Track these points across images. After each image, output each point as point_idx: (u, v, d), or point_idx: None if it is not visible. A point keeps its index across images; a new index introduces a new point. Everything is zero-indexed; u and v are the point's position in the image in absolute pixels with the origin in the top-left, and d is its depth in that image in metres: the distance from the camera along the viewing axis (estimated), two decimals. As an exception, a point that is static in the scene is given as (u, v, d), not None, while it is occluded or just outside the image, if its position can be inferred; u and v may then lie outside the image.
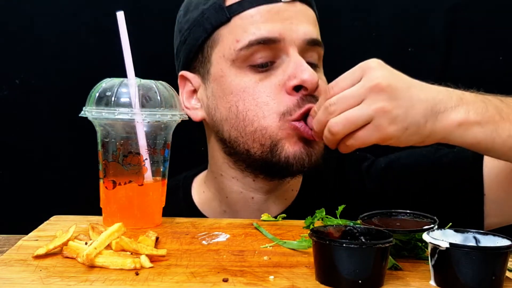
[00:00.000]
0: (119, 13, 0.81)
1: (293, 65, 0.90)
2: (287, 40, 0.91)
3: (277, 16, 0.91)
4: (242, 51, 0.91)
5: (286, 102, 0.91)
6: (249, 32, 0.91)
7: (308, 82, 0.89)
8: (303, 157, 0.91)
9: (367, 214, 0.75)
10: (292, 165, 0.91)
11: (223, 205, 1.03)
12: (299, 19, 0.93)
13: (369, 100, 0.72)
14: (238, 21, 0.92)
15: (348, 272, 0.57)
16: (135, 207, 0.81)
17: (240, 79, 0.92)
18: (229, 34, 0.93)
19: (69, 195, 1.32)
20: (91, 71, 1.02)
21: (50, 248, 0.66)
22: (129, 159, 0.80)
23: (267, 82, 0.92)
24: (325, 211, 0.83)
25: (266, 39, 0.90)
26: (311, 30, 0.94)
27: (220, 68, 0.94)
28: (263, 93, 0.91)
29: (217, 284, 0.58)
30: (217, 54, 0.95)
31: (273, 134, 0.91)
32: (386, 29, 1.36)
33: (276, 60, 0.92)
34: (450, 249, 0.57)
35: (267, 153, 0.92)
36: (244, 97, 0.92)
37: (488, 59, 1.36)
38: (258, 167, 0.95)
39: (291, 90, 0.90)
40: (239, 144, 0.94)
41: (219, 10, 0.93)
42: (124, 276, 0.60)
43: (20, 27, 1.31)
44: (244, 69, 0.92)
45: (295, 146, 0.91)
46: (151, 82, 0.82)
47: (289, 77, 0.90)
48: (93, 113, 0.78)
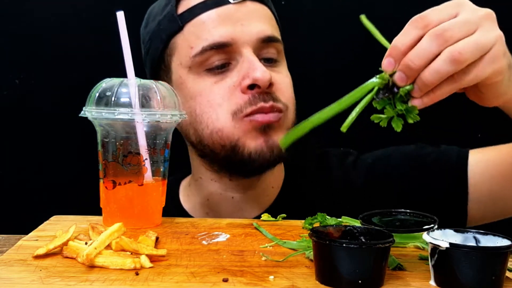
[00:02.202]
0: (119, 13, 0.81)
1: (246, 65, 0.92)
2: (240, 42, 0.92)
3: (228, 19, 0.93)
4: (197, 57, 0.93)
5: (238, 100, 0.92)
6: (201, 39, 0.92)
7: (260, 80, 0.90)
8: (264, 150, 0.92)
9: (367, 214, 0.75)
10: (255, 161, 0.92)
11: (205, 208, 1.04)
12: (250, 19, 0.94)
13: (486, 27, 0.64)
14: (191, 28, 0.94)
15: (348, 272, 0.57)
16: (135, 207, 0.81)
17: (197, 84, 0.94)
18: (183, 42, 0.95)
19: (69, 195, 1.32)
20: (91, 71, 1.03)
21: (50, 248, 0.66)
22: (129, 159, 0.80)
23: (222, 84, 0.93)
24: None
25: (219, 44, 0.92)
26: (264, 28, 0.95)
27: (179, 75, 0.96)
28: (217, 94, 0.93)
29: (217, 284, 0.58)
30: (175, 62, 0.97)
31: (230, 134, 0.92)
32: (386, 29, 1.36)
33: (231, 61, 0.94)
34: (450, 249, 0.57)
35: (230, 152, 0.93)
36: (201, 100, 0.94)
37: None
38: (226, 167, 0.97)
39: (245, 89, 0.91)
40: (204, 147, 0.96)
41: (172, 19, 0.96)
42: (124, 276, 0.60)
43: (20, 27, 1.31)
44: (201, 73, 0.94)
45: (256, 140, 0.92)
46: (151, 82, 0.82)
47: (243, 77, 0.91)
48: (93, 113, 0.78)
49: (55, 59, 1.32)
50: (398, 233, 0.69)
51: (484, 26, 0.64)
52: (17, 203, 1.35)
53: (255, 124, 0.91)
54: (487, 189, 0.94)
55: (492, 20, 0.66)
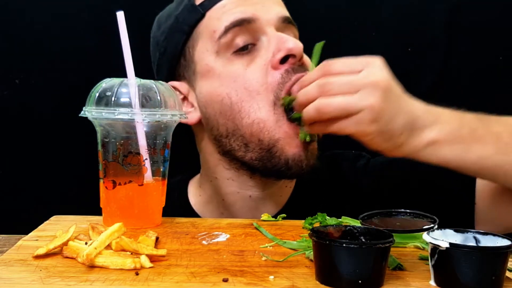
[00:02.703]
0: (119, 13, 0.81)
1: (275, 41, 0.92)
2: (262, 20, 0.93)
3: (248, 1, 0.94)
4: (222, 38, 0.92)
5: (272, 85, 0.90)
6: (223, 20, 0.93)
7: (295, 50, 0.90)
8: (301, 159, 0.91)
9: (367, 214, 0.75)
10: (291, 168, 0.91)
11: (221, 207, 1.03)
12: (268, 2, 0.96)
13: (364, 94, 0.72)
14: (212, 14, 0.94)
15: (348, 272, 0.57)
16: (135, 207, 0.81)
17: (228, 69, 0.93)
18: (206, 28, 0.95)
19: (69, 195, 1.32)
20: (91, 71, 1.02)
21: (50, 248, 0.66)
22: (129, 159, 0.80)
23: (254, 66, 0.92)
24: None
25: (241, 20, 0.92)
26: (283, 10, 0.97)
27: (206, 63, 0.95)
28: (252, 80, 0.91)
29: (217, 284, 0.58)
30: (199, 52, 0.96)
31: (271, 130, 0.90)
32: (386, 29, 1.36)
33: (256, 42, 0.93)
34: (450, 249, 0.57)
35: (265, 153, 0.91)
36: (236, 87, 0.92)
37: (488, 59, 1.36)
38: (255, 166, 0.95)
39: (277, 64, 0.90)
40: (237, 139, 0.93)
41: (192, 9, 0.96)
42: (124, 276, 0.60)
43: (20, 27, 1.31)
44: (230, 57, 0.93)
45: (295, 148, 0.90)
46: (151, 82, 0.82)
47: (273, 53, 0.91)
48: (93, 113, 0.78)
49: (55, 59, 1.32)
50: (398, 233, 0.69)
51: (363, 92, 0.72)
52: (17, 203, 1.35)
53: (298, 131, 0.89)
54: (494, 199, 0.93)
55: (374, 88, 0.72)
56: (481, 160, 0.77)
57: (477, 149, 0.76)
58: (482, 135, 0.77)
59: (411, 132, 0.74)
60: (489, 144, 0.76)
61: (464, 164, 0.77)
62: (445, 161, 0.77)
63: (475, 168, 0.78)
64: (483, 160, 0.77)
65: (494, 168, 0.78)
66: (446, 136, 0.75)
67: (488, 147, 0.76)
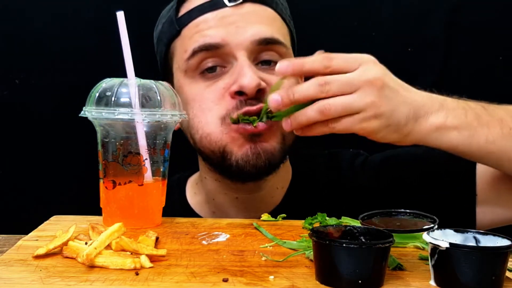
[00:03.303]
0: (119, 13, 0.81)
1: (237, 70, 0.91)
2: (233, 45, 0.91)
3: (222, 21, 0.92)
4: (190, 60, 0.93)
5: (226, 105, 0.91)
6: (193, 41, 0.92)
7: (246, 88, 0.88)
8: (250, 157, 0.90)
9: (367, 214, 0.75)
10: (243, 168, 0.91)
11: (212, 207, 1.04)
12: (247, 21, 0.92)
13: (363, 92, 0.72)
14: (187, 32, 0.94)
15: (348, 272, 0.57)
16: (135, 207, 0.81)
17: (192, 88, 0.94)
18: (180, 46, 0.96)
19: (69, 195, 1.32)
20: (91, 71, 1.02)
21: (50, 248, 0.66)
22: (129, 159, 0.80)
23: (214, 87, 0.93)
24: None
25: (209, 45, 0.91)
26: (261, 30, 0.92)
27: (178, 79, 0.97)
28: (208, 99, 0.92)
29: (217, 284, 0.58)
30: (174, 66, 0.98)
31: (217, 140, 0.92)
32: (386, 29, 1.36)
33: (226, 65, 0.93)
34: (450, 249, 0.57)
35: (219, 159, 0.93)
36: (193, 105, 0.94)
37: (488, 59, 1.36)
38: (220, 171, 0.97)
39: (234, 94, 0.91)
40: (198, 150, 0.97)
41: (171, 23, 0.97)
42: (124, 276, 0.60)
43: (20, 27, 1.31)
44: (196, 77, 0.94)
45: (242, 148, 0.91)
46: (151, 82, 0.82)
47: (234, 82, 0.90)
48: (93, 113, 0.78)
49: (55, 59, 1.32)
50: (398, 233, 0.69)
51: (363, 90, 0.72)
52: (17, 203, 1.35)
53: (242, 132, 0.90)
54: (494, 191, 0.94)
55: (374, 86, 0.72)
56: (487, 145, 0.77)
57: (483, 134, 0.77)
58: (487, 121, 0.77)
59: (416, 120, 0.74)
60: (495, 128, 0.77)
61: (470, 149, 0.78)
62: (453, 146, 0.77)
63: (481, 154, 0.79)
64: (489, 145, 0.77)
65: (499, 153, 0.79)
66: (452, 121, 0.76)
67: (493, 131, 0.77)
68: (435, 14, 1.36)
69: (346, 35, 1.37)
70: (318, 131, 0.76)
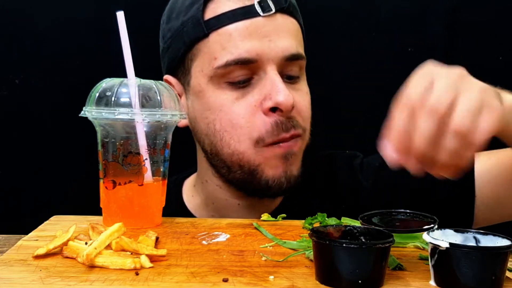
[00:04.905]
0: (119, 13, 0.81)
1: (269, 85, 0.89)
2: (265, 59, 0.90)
3: (256, 33, 0.90)
4: (220, 69, 0.90)
5: (259, 127, 0.90)
6: (227, 51, 0.90)
7: (283, 105, 0.88)
8: (282, 180, 0.92)
9: (367, 214, 0.75)
10: (270, 188, 0.92)
11: (211, 210, 1.03)
12: (278, 34, 0.91)
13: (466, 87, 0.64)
14: (216, 37, 0.91)
15: (348, 272, 0.57)
16: (135, 207, 0.81)
17: (217, 96, 0.92)
18: (207, 49, 0.92)
19: (69, 195, 1.32)
20: (91, 71, 1.02)
21: (50, 248, 0.66)
22: (129, 159, 0.80)
23: (243, 102, 0.91)
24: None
25: (244, 60, 0.89)
26: (290, 45, 0.92)
27: (199, 83, 0.94)
28: (238, 114, 0.91)
29: (217, 284, 0.58)
30: (196, 68, 0.94)
31: (250, 160, 0.91)
32: (386, 29, 1.36)
33: (253, 76, 0.91)
34: (450, 249, 0.57)
35: (247, 175, 0.93)
36: (221, 116, 0.92)
37: (488, 59, 1.36)
38: (237, 185, 0.96)
39: (267, 111, 0.90)
40: (219, 161, 0.95)
41: (197, 24, 0.92)
42: (124, 276, 0.60)
43: (20, 27, 1.31)
44: (222, 85, 0.92)
45: (275, 169, 0.91)
46: (151, 82, 0.82)
47: (265, 97, 0.90)
48: (93, 113, 0.78)
49: (55, 59, 1.32)
50: (398, 233, 0.69)
51: (463, 86, 0.64)
52: (17, 203, 1.35)
53: (277, 153, 0.90)
54: (493, 191, 0.94)
55: (464, 77, 0.67)
56: None
57: None
58: None
59: None
60: None
61: None
62: None
63: None
64: None
65: None
66: None
67: None
68: (435, 14, 1.36)
69: (346, 35, 1.37)
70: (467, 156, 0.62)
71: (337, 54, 1.37)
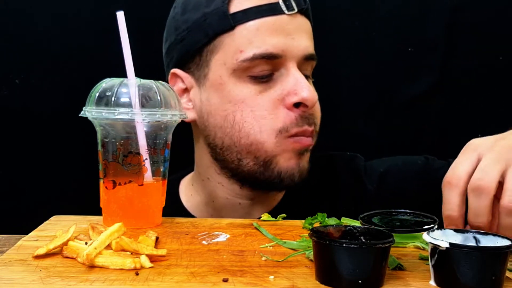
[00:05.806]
0: (119, 13, 0.81)
1: (293, 81, 0.92)
2: (288, 56, 0.92)
3: (281, 30, 0.92)
4: (245, 62, 0.91)
5: (283, 118, 0.92)
6: (254, 45, 0.91)
7: (309, 101, 0.90)
8: (294, 173, 0.93)
9: (367, 214, 0.75)
10: (283, 180, 0.93)
11: (210, 209, 1.03)
12: (299, 33, 0.94)
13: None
14: (243, 31, 0.92)
15: (348, 272, 0.57)
16: (135, 207, 0.81)
17: (240, 90, 0.93)
18: (232, 42, 0.93)
19: (69, 195, 1.32)
20: (91, 71, 1.02)
21: (50, 248, 0.66)
22: (129, 159, 0.80)
23: (266, 96, 0.92)
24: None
25: (271, 55, 0.91)
26: (309, 45, 0.95)
27: (219, 75, 0.94)
28: (261, 106, 0.92)
29: (217, 284, 0.58)
30: (217, 61, 0.94)
31: (269, 150, 0.92)
32: (386, 29, 1.36)
33: (274, 72, 0.93)
34: (450, 249, 0.57)
35: (260, 167, 0.93)
36: (243, 108, 0.92)
37: (488, 59, 1.36)
38: (246, 179, 0.96)
39: (291, 106, 0.91)
40: (232, 153, 0.95)
41: (223, 17, 0.93)
42: (124, 276, 0.60)
43: (20, 27, 1.31)
44: (244, 79, 0.93)
45: (289, 161, 0.93)
46: (151, 82, 0.82)
47: (289, 93, 0.91)
48: (93, 113, 0.78)
49: (55, 59, 1.32)
50: (398, 233, 0.69)
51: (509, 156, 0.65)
52: (17, 203, 1.35)
53: (296, 147, 0.92)
54: None
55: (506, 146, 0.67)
56: None
57: None
58: None
59: None
60: None
61: None
62: None
63: None
64: None
65: None
66: None
67: None
68: (435, 14, 1.36)
69: (346, 35, 1.37)
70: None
71: (337, 54, 1.37)
